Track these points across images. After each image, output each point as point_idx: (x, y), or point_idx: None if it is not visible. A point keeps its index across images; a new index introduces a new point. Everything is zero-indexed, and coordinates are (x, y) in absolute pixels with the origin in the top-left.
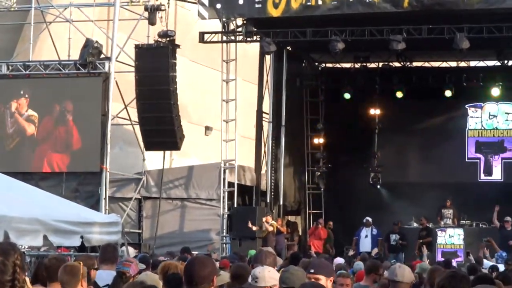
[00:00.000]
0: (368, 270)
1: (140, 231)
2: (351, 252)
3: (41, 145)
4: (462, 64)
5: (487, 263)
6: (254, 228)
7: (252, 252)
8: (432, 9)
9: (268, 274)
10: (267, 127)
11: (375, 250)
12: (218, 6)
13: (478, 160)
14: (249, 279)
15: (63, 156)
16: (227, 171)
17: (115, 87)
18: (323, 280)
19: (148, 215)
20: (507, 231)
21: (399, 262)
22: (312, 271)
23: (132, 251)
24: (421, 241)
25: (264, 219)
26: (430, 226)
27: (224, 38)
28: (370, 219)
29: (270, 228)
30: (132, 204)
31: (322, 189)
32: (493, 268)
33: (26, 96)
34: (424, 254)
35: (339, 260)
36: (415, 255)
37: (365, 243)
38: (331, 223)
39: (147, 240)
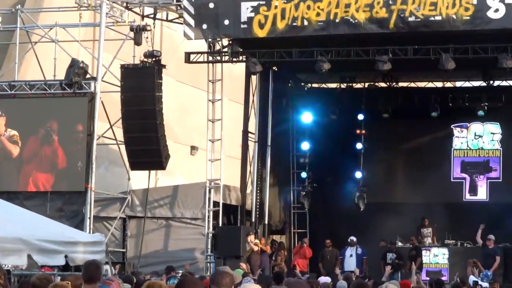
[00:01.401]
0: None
1: (124, 250)
2: (337, 271)
3: (26, 165)
4: (448, 84)
5: (471, 278)
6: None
7: (239, 271)
8: (417, 30)
9: None
10: (252, 146)
11: (357, 270)
12: (204, 26)
13: (464, 180)
14: None
15: (48, 176)
16: (212, 190)
17: (100, 107)
18: None
19: (132, 234)
20: (489, 249)
21: (394, 280)
22: None
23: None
24: (411, 262)
25: (248, 238)
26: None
27: (210, 58)
28: (354, 239)
29: (256, 248)
30: (117, 223)
31: (307, 209)
32: (476, 284)
33: (2, 114)
34: (412, 273)
35: (325, 279)
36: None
37: (350, 262)
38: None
39: (131, 259)
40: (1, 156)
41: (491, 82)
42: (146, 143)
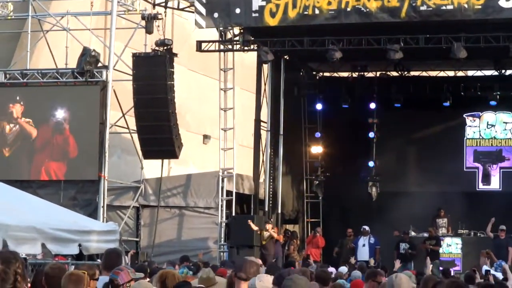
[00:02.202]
0: (368, 277)
1: (138, 239)
2: (352, 260)
3: (38, 154)
4: (460, 73)
5: (484, 267)
6: (254, 228)
7: None
8: (429, 19)
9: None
10: (265, 136)
11: (372, 260)
12: (215, 15)
13: (476, 170)
14: None
15: (60, 165)
16: (225, 179)
17: (112, 95)
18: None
19: (146, 223)
20: (501, 240)
21: (408, 271)
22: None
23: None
24: (430, 246)
25: (267, 226)
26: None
27: (222, 47)
28: (367, 228)
29: (275, 235)
30: (130, 212)
31: (320, 198)
32: (488, 272)
33: (22, 103)
34: (428, 266)
35: (343, 269)
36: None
37: (363, 252)
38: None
39: (144, 248)
40: (20, 137)
41: (503, 71)
42: (158, 131)
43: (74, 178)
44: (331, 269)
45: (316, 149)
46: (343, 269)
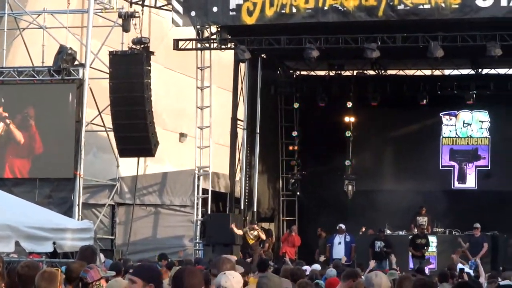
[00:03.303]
0: (347, 276)
1: (113, 237)
2: (322, 258)
3: (1, 150)
4: (437, 72)
5: (459, 265)
6: (237, 232)
7: None
8: (406, 18)
9: (234, 281)
10: (241, 134)
11: (344, 258)
12: (193, 13)
13: (452, 168)
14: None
15: (24, 162)
16: (201, 177)
17: (89, 93)
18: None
19: (121, 221)
20: (476, 238)
21: (382, 269)
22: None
23: (101, 257)
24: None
25: (254, 226)
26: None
27: (199, 45)
28: (343, 226)
29: (262, 235)
30: (106, 211)
31: (296, 196)
32: (462, 271)
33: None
34: (392, 263)
35: (317, 267)
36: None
37: (339, 250)
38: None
39: (120, 246)
40: (7, 142)
41: (480, 70)
42: (134, 130)
43: (40, 176)
44: (306, 267)
45: (293, 147)
46: (317, 266)
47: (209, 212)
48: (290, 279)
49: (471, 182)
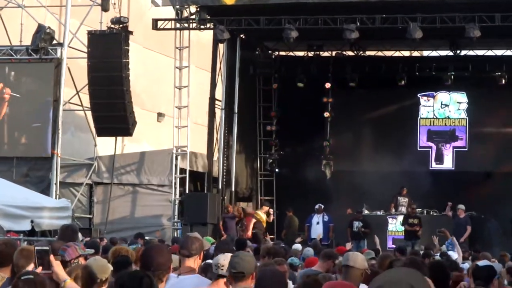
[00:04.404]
0: (326, 257)
1: (91, 216)
2: (298, 239)
3: None
4: (415, 53)
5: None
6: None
7: (208, 239)
8: None
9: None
10: (219, 114)
11: (319, 235)
12: None
13: (430, 149)
14: (213, 268)
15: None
16: (179, 157)
17: (67, 73)
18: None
19: (99, 200)
20: (460, 219)
21: (360, 249)
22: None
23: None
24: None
25: (266, 208)
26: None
27: (178, 25)
28: (322, 206)
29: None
30: (83, 190)
31: (274, 176)
32: (443, 254)
33: None
34: (376, 243)
35: (297, 246)
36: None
37: (317, 229)
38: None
39: (98, 225)
40: None
41: (458, 51)
42: (112, 109)
43: (17, 154)
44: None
45: (271, 127)
46: (298, 246)
47: (187, 191)
48: (272, 258)
49: (448, 162)
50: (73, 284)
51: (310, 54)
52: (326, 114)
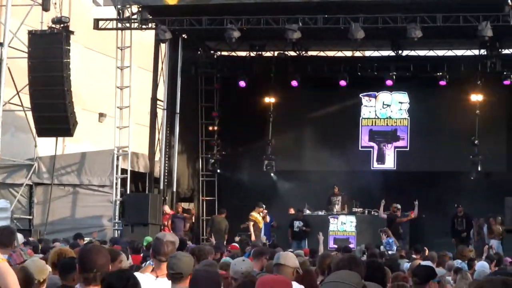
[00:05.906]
0: (258, 255)
1: (31, 217)
2: (237, 238)
3: None
4: (357, 53)
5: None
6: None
7: (149, 238)
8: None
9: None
10: (161, 114)
11: (264, 237)
12: None
13: (372, 149)
14: None
15: None
16: (120, 157)
17: (7, 73)
18: None
19: (39, 201)
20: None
21: (301, 249)
22: None
23: (20, 237)
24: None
25: (260, 210)
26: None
27: (119, 25)
28: (263, 206)
29: (267, 219)
30: (23, 190)
31: (216, 176)
32: (382, 254)
33: None
34: (320, 242)
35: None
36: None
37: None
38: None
39: (38, 226)
40: None
41: (400, 52)
42: (53, 109)
43: None
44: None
45: (213, 128)
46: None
47: (128, 192)
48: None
49: (390, 162)
50: (6, 264)
51: (252, 54)
52: (268, 114)
